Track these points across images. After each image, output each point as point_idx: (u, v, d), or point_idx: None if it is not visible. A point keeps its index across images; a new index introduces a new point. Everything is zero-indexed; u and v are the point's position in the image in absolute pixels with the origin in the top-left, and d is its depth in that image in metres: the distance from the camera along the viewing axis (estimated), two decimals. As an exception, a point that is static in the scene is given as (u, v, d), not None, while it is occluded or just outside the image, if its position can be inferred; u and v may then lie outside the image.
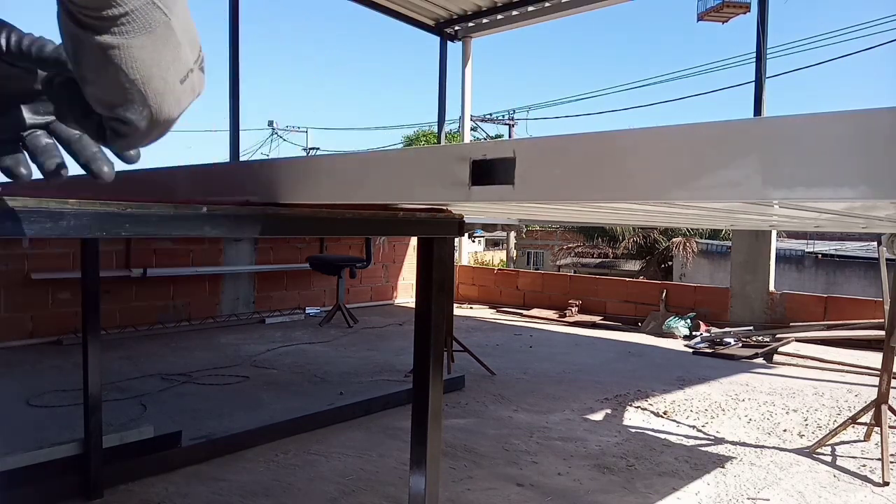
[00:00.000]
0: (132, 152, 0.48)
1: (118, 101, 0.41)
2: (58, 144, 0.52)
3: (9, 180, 0.50)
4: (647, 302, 6.08)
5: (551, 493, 2.18)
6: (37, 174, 0.51)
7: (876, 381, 2.77)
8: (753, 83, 5.62)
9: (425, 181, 0.72)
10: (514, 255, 19.14)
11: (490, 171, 0.64)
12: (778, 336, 4.92)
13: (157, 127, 0.43)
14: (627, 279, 6.99)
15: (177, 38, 0.40)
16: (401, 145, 24.85)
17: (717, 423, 3.00)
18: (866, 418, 2.65)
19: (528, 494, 2.16)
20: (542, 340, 5.11)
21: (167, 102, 0.42)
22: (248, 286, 5.82)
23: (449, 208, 1.05)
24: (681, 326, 5.39)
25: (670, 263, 15.81)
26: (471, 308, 6.95)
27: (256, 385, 3.49)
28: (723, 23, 21.73)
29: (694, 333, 5.30)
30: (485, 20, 7.08)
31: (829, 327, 4.95)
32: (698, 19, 21.96)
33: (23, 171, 0.50)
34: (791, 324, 5.24)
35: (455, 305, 5.78)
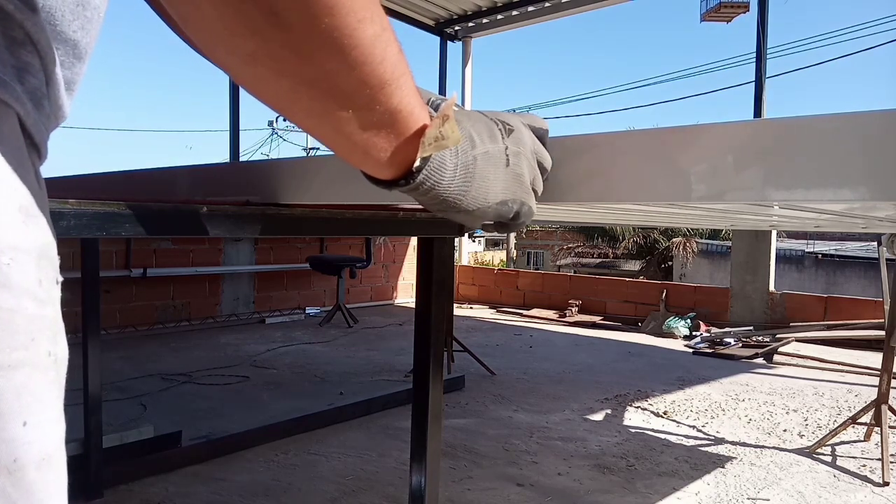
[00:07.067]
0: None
1: (494, 219, 0.51)
2: None
3: None
4: (647, 302, 6.08)
5: (551, 493, 2.18)
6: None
7: (876, 381, 2.77)
8: (753, 83, 5.62)
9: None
10: (514, 255, 19.15)
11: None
12: (778, 336, 4.92)
13: (523, 200, 0.51)
14: (627, 279, 6.99)
15: (488, 152, 0.47)
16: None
17: (717, 423, 3.00)
18: (866, 418, 2.65)
19: (528, 494, 2.16)
20: (542, 340, 5.11)
21: (512, 186, 0.50)
22: (248, 286, 5.82)
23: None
24: (681, 326, 5.39)
25: (670, 263, 15.80)
26: (471, 308, 6.95)
27: (256, 385, 3.49)
28: (727, 22, 21.73)
29: (694, 333, 5.30)
30: (485, 20, 7.07)
31: (829, 327, 4.95)
32: (701, 20, 21.96)
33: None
34: (791, 324, 5.24)
35: (455, 305, 5.77)
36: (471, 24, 7.25)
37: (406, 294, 7.19)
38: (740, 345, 4.81)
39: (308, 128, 0.40)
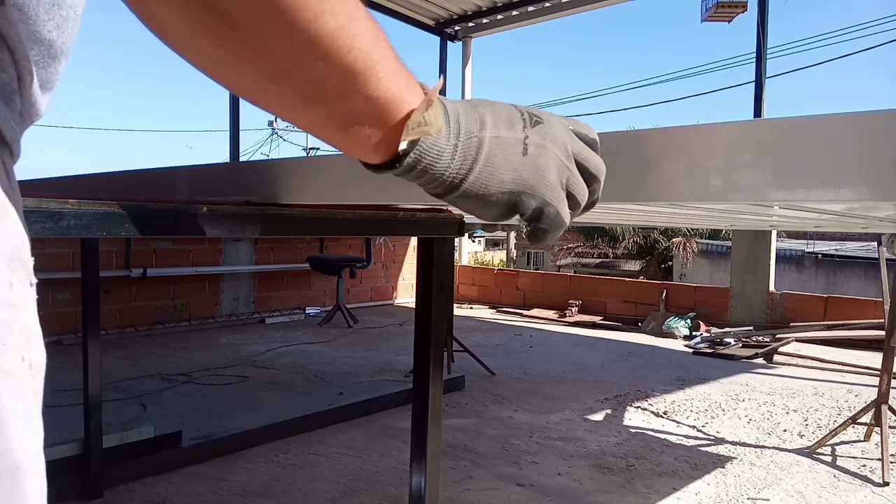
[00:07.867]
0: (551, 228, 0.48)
1: (506, 213, 0.46)
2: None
3: None
4: (647, 302, 6.08)
5: (551, 493, 2.18)
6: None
7: (876, 381, 2.77)
8: (753, 83, 5.62)
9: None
10: (514, 255, 19.10)
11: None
12: (778, 336, 4.92)
13: (544, 197, 0.45)
14: (627, 279, 6.99)
15: (500, 137, 0.44)
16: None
17: (717, 423, 3.00)
18: (866, 418, 2.65)
19: (528, 494, 2.16)
20: (542, 340, 5.11)
21: (528, 178, 0.45)
22: (248, 286, 5.82)
23: (449, 208, 1.05)
24: (681, 326, 5.39)
25: (670, 263, 15.80)
26: (471, 308, 6.95)
27: (256, 385, 3.49)
28: (727, 22, 21.67)
29: (694, 333, 5.30)
30: (485, 20, 7.07)
31: (829, 327, 4.95)
32: (702, 20, 21.91)
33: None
34: (791, 324, 5.24)
35: (455, 305, 5.77)
36: (471, 24, 7.25)
37: (406, 294, 7.19)
38: (740, 345, 4.81)
39: (289, 119, 0.40)
